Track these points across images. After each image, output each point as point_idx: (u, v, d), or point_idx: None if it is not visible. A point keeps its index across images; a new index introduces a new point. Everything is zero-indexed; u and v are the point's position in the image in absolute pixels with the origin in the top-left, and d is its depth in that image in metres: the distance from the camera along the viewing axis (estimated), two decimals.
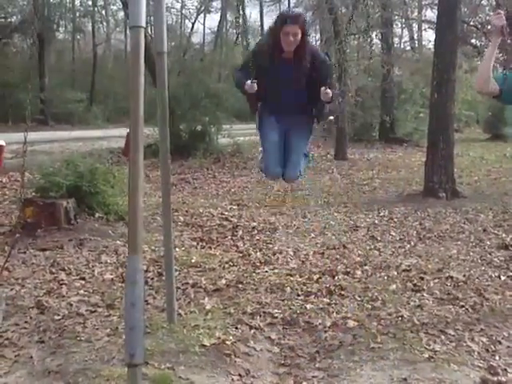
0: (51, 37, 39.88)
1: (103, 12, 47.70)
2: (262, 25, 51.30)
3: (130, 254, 3.80)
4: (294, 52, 5.38)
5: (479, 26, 22.65)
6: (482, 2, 21.83)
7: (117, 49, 51.31)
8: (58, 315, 5.65)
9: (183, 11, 48.06)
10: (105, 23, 49.49)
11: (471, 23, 22.81)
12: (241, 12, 5.52)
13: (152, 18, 5.16)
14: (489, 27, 20.90)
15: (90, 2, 44.92)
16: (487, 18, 21.97)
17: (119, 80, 39.63)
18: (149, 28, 17.94)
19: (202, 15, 48.92)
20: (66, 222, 9.02)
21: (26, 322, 5.49)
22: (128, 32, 4.04)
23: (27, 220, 8.72)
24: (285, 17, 5.35)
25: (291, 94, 5.51)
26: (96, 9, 45.83)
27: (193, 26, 48.90)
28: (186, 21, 49.65)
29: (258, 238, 9.16)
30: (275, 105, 5.61)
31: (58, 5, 42.25)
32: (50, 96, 34.96)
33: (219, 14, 47.58)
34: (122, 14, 38.98)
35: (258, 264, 7.67)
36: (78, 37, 47.95)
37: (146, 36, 4.01)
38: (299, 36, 5.31)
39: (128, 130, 4.49)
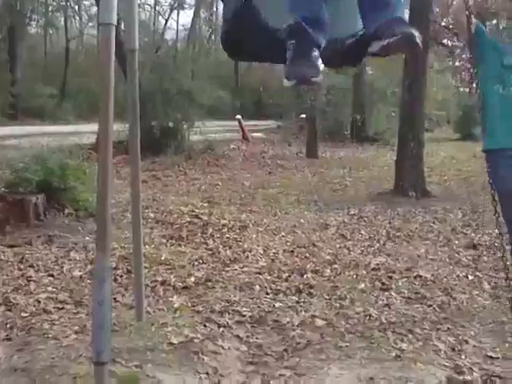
0: (23, 31, 39.58)
1: (76, 7, 47.51)
2: None
3: (98, 253, 3.79)
4: None
5: (450, 27, 22.85)
6: (454, 2, 22.00)
7: (89, 44, 50.96)
8: (26, 312, 5.61)
9: (157, 8, 47.90)
10: (78, 18, 49.29)
11: (443, 23, 23.01)
12: (214, 9, 5.28)
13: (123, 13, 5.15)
14: (459, 27, 21.09)
15: None
16: (459, 18, 22.18)
17: (91, 75, 39.43)
18: (122, 24, 17.87)
19: (175, 12, 48.72)
20: (36, 218, 8.96)
21: None
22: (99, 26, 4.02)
23: None
24: None
25: None
26: (69, 3, 45.61)
27: (166, 23, 48.77)
28: (160, 17, 49.48)
29: (227, 235, 9.14)
30: None
31: None
32: (20, 91, 34.73)
33: (192, 10, 47.40)
34: (95, 9, 38.73)
35: (228, 262, 7.67)
36: (51, 31, 47.63)
37: (118, 32, 4.01)
38: None
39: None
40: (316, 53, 3.06)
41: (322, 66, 3.07)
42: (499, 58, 4.72)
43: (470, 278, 7.26)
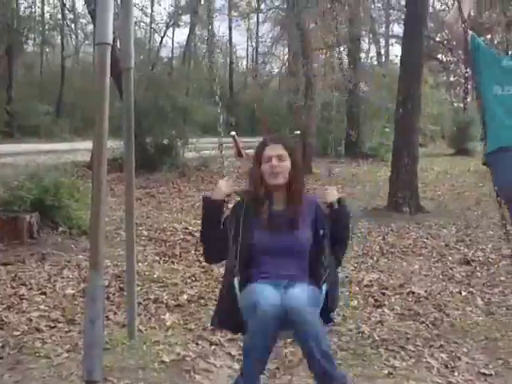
0: (20, 49, 39.75)
1: (72, 25, 47.63)
2: (230, 39, 51.51)
3: (91, 271, 3.81)
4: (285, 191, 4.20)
5: (445, 42, 22.96)
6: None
7: (85, 62, 51.11)
8: (18, 331, 5.60)
9: (152, 25, 48.01)
10: (74, 36, 49.42)
11: (437, 39, 23.12)
12: (209, 27, 5.28)
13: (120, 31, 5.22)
14: (454, 43, 21.18)
15: (60, 15, 44.88)
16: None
17: (87, 93, 39.49)
18: (117, 42, 17.91)
19: (170, 29, 48.87)
20: (29, 236, 8.98)
21: None
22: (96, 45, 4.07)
23: None
24: (263, 140, 4.31)
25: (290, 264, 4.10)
26: (65, 22, 45.76)
27: (161, 40, 48.86)
28: (155, 35, 49.59)
29: None
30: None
31: (27, 17, 42.19)
32: (16, 108, 34.77)
33: (188, 28, 47.56)
34: (91, 27, 38.85)
35: (221, 279, 7.63)
36: (47, 49, 47.76)
37: (114, 50, 4.04)
38: (288, 162, 4.16)
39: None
40: None
41: None
42: (496, 63, 4.79)
43: (464, 294, 7.26)
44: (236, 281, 3.98)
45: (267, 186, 4.14)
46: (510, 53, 5.64)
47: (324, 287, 4.05)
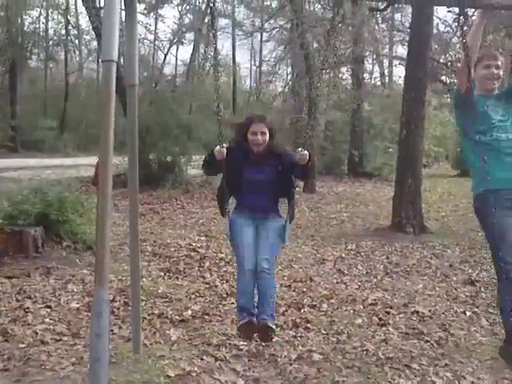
0: (24, 65, 39.93)
1: (76, 41, 47.83)
2: (233, 57, 51.63)
3: (97, 286, 3.80)
4: (263, 154, 5.43)
5: (449, 64, 22.97)
6: (453, 39, 22.16)
7: (89, 77, 51.30)
8: (23, 343, 5.61)
9: (156, 43, 48.16)
10: (78, 52, 49.61)
11: (441, 60, 23.13)
12: (213, 45, 5.36)
13: (125, 48, 5.20)
14: (458, 65, 21.24)
15: (64, 31, 45.11)
16: (456, 55, 22.32)
17: (91, 108, 39.63)
18: (121, 58, 18.00)
19: (174, 47, 49.01)
20: (34, 249, 9.00)
21: None
22: (101, 61, 4.09)
23: None
24: (251, 116, 5.54)
25: (264, 195, 5.48)
26: (69, 38, 45.98)
27: (165, 58, 48.98)
28: (159, 52, 49.75)
29: (225, 269, 9.14)
30: (248, 206, 5.46)
31: (31, 33, 42.40)
32: (20, 123, 34.88)
33: (192, 45, 47.69)
34: (95, 43, 39.09)
35: (225, 295, 7.66)
36: (51, 65, 47.93)
37: (118, 67, 4.05)
38: (267, 136, 5.40)
39: (98, 160, 4.50)
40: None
41: None
42: (482, 108, 4.93)
43: (468, 314, 7.25)
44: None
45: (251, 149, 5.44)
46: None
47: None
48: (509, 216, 4.82)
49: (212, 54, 5.26)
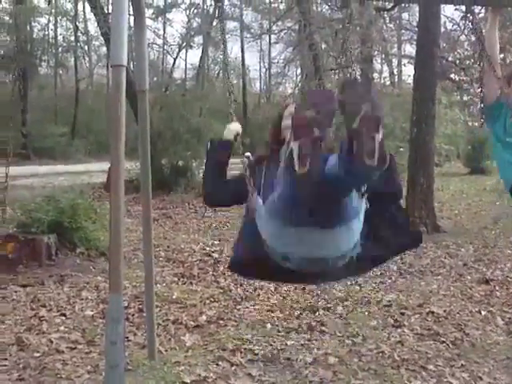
0: (34, 72, 40.03)
1: (86, 47, 47.93)
2: (243, 60, 51.62)
3: (112, 292, 3.79)
4: None
5: (457, 62, 22.91)
6: (461, 37, 22.10)
7: (99, 83, 51.38)
8: (38, 352, 5.62)
9: (165, 47, 48.24)
10: (87, 58, 49.71)
11: (450, 58, 23.05)
12: (222, 48, 5.13)
13: (134, 54, 5.20)
14: (467, 62, 21.19)
15: (73, 38, 45.23)
16: (465, 53, 22.28)
17: (101, 114, 39.71)
18: (131, 64, 18.02)
19: (183, 51, 49.09)
20: (47, 257, 9.02)
21: (5, 358, 5.46)
22: (110, 67, 4.11)
23: (8, 256, 8.71)
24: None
25: None
26: (78, 44, 46.09)
27: (174, 62, 49.04)
28: (168, 56, 49.83)
29: None
30: None
31: (40, 40, 42.53)
32: (31, 130, 34.98)
33: (201, 49, 47.73)
34: (104, 49, 39.14)
35: (239, 300, 7.66)
36: (61, 72, 48.02)
37: (128, 72, 4.04)
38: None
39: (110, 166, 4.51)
40: None
41: None
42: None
43: (483, 313, 7.22)
44: None
45: None
46: None
47: None
48: None
49: (221, 57, 5.04)
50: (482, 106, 5.42)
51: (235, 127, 4.30)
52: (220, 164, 4.18)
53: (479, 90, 5.40)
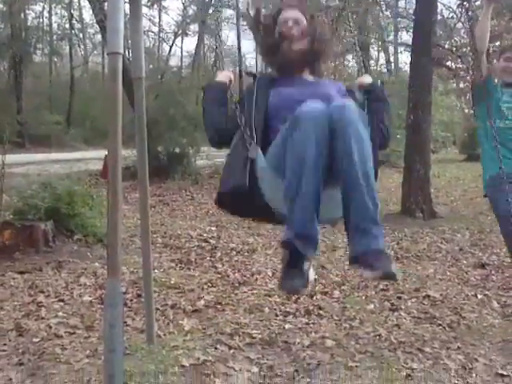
0: (28, 60, 39.89)
1: (80, 35, 47.80)
2: (239, 47, 51.49)
3: (110, 277, 3.79)
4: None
5: (454, 49, 22.90)
6: (457, 25, 22.09)
7: (94, 71, 51.31)
8: (37, 337, 5.63)
9: (161, 35, 48.12)
10: (82, 46, 49.61)
11: (446, 46, 23.03)
12: (217, 36, 5.04)
13: (130, 41, 5.17)
14: (463, 50, 21.19)
15: (68, 25, 45.09)
16: (462, 41, 22.27)
17: (97, 102, 39.63)
18: (126, 51, 17.98)
19: (179, 38, 48.98)
20: (45, 244, 9.02)
21: (4, 344, 5.46)
22: (105, 55, 4.08)
23: (5, 243, 8.72)
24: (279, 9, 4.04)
25: None
26: (73, 32, 45.94)
27: (170, 49, 48.97)
28: (164, 44, 49.73)
29: (236, 259, 9.17)
30: None
31: (35, 28, 42.37)
32: (27, 118, 34.88)
33: (196, 37, 47.61)
34: (99, 36, 39.05)
35: (237, 285, 7.69)
36: (55, 59, 47.89)
37: (123, 60, 4.04)
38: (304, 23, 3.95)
39: (106, 153, 4.50)
40: (306, 266, 3.29)
41: (311, 276, 3.42)
42: (499, 95, 4.99)
43: (479, 297, 7.26)
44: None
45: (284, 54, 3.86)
46: None
47: None
48: None
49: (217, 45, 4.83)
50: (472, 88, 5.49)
51: (226, 73, 4.13)
52: (218, 100, 4.00)
53: (471, 73, 5.46)
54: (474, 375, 4.97)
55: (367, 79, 4.15)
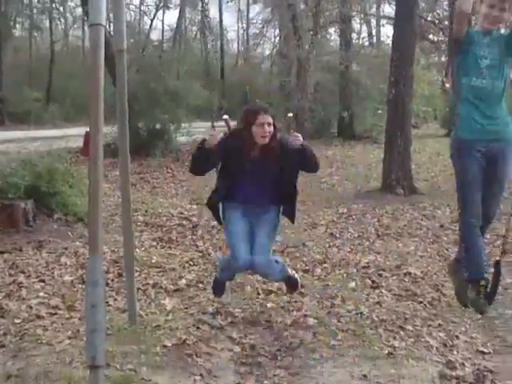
0: (8, 34, 39.41)
1: (61, 8, 47.25)
2: (220, 21, 51.24)
3: (91, 255, 3.77)
4: (265, 145, 5.35)
5: (436, 22, 22.92)
6: None
7: (74, 46, 50.85)
8: (18, 318, 5.61)
9: (142, 8, 47.73)
10: (62, 20, 49.07)
11: (429, 18, 23.06)
12: (200, 8, 5.20)
13: (111, 15, 5.12)
14: (445, 23, 21.20)
15: None
16: (444, 13, 22.27)
17: (77, 78, 39.24)
18: (107, 25, 17.80)
19: (160, 12, 48.61)
20: (25, 223, 8.97)
21: None
22: (86, 29, 4.06)
23: None
24: (256, 108, 5.47)
25: (262, 186, 5.50)
26: (54, 5, 45.38)
27: (151, 23, 48.62)
28: (145, 17, 49.34)
29: (217, 237, 9.14)
30: (242, 198, 5.52)
31: (15, 1, 41.80)
32: (6, 95, 34.53)
33: (178, 10, 47.28)
34: (79, 10, 38.53)
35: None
36: (36, 34, 47.38)
37: (104, 33, 3.97)
38: (272, 127, 5.31)
39: (87, 129, 4.46)
40: None
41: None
42: (476, 51, 4.92)
43: None
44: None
45: (255, 142, 5.34)
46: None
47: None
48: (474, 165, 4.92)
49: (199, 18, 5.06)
50: (450, 40, 5.41)
51: (217, 138, 5.22)
52: (206, 157, 5.28)
53: (450, 25, 5.43)
54: (455, 352, 5.01)
55: (298, 141, 5.44)
